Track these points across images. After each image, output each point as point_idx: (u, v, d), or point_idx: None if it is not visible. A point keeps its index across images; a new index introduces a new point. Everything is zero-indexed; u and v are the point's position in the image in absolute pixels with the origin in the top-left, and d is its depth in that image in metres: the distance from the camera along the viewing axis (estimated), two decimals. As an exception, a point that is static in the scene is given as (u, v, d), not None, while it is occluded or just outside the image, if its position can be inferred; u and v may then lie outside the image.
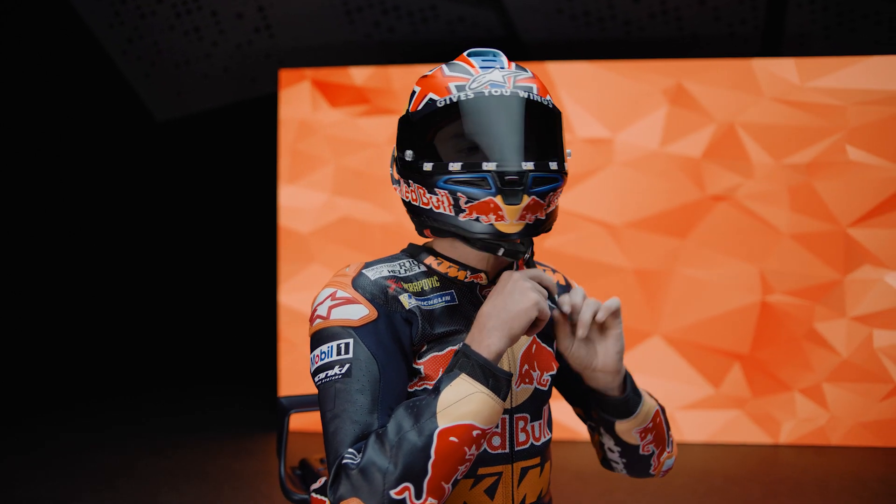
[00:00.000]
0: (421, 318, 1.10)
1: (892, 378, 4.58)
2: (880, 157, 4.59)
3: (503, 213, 1.03)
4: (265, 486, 3.98)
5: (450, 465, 0.96)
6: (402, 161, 1.12)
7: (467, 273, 1.15)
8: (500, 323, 1.00)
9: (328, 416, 1.02)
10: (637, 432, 1.16)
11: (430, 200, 1.08)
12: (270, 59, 6.29)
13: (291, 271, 4.98)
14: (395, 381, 1.05)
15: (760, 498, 3.77)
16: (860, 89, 4.61)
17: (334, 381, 1.03)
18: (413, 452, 0.94)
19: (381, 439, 0.96)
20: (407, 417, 0.97)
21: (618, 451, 1.21)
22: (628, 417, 1.14)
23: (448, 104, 1.07)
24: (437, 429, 0.95)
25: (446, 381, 0.99)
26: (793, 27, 5.79)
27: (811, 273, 4.65)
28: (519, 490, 1.15)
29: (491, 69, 1.10)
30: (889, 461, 4.37)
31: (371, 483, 0.93)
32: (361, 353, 1.03)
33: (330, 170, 4.96)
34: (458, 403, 0.96)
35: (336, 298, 1.08)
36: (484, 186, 1.03)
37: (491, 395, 0.98)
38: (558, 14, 5.99)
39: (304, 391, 4.92)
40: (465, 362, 0.99)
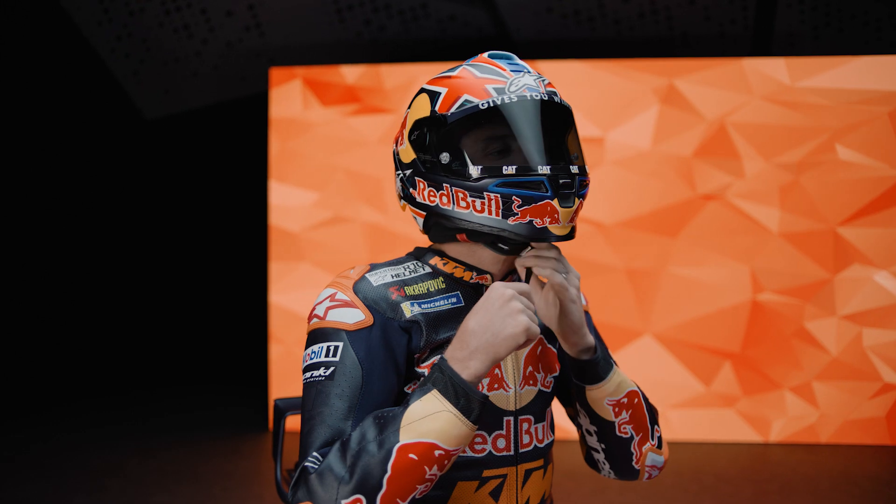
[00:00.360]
0: (425, 326, 1.09)
1: (881, 376, 4.61)
2: (869, 157, 4.62)
3: (558, 216, 1.04)
4: (256, 486, 3.97)
5: (406, 482, 0.93)
6: (432, 163, 1.09)
7: (473, 274, 1.15)
8: (485, 344, 0.97)
9: (305, 415, 1.02)
10: (609, 404, 1.14)
11: (471, 204, 1.06)
12: (261, 58, 6.27)
13: (282, 270, 4.96)
14: (376, 391, 1.03)
15: (751, 496, 3.78)
16: (849, 89, 4.64)
17: (317, 382, 1.03)
18: (370, 465, 0.92)
19: (343, 446, 0.95)
20: (372, 427, 0.95)
21: (595, 433, 1.18)
22: (598, 382, 1.13)
23: (492, 106, 1.06)
24: (398, 444, 0.93)
25: (417, 395, 0.96)
26: (782, 27, 5.82)
27: (801, 272, 4.67)
28: (523, 492, 1.15)
29: (521, 72, 1.10)
30: (878, 459, 4.40)
31: (326, 490, 0.92)
32: (348, 359, 1.03)
33: (321, 169, 4.95)
34: (424, 420, 0.94)
35: (335, 300, 1.08)
36: (540, 190, 1.03)
37: (458, 416, 0.94)
38: (549, 13, 6.00)
39: (296, 391, 4.90)
40: (440, 378, 0.96)
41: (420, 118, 1.12)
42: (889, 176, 4.60)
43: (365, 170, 4.91)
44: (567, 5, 5.90)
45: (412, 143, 1.13)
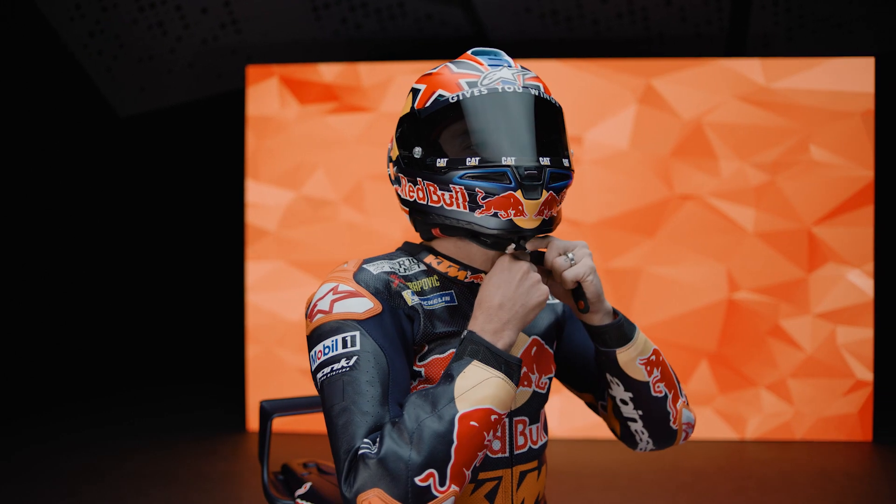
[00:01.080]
0: (423, 316, 1.09)
1: (854, 373, 4.68)
2: (842, 157, 4.68)
3: (523, 208, 1.04)
4: (235, 487, 3.93)
5: (471, 449, 0.96)
6: (409, 158, 1.11)
7: (468, 273, 1.15)
8: (514, 316, 1.02)
9: (336, 409, 1.00)
10: (641, 363, 1.15)
11: (441, 198, 1.07)
12: (237, 56, 6.21)
13: (259, 269, 4.92)
14: (402, 375, 1.04)
15: (729, 493, 3.82)
16: (822, 90, 4.70)
17: (342, 373, 1.01)
18: (436, 438, 0.94)
19: (398, 428, 0.95)
20: (423, 405, 0.97)
21: (631, 401, 1.18)
22: (626, 344, 1.14)
23: (460, 100, 1.06)
24: (458, 413, 0.95)
25: (458, 369, 0.99)
26: (757, 28, 5.88)
27: (776, 271, 4.72)
28: (518, 494, 1.15)
29: (499, 67, 1.10)
30: (851, 455, 4.47)
31: (393, 472, 0.92)
32: (369, 346, 1.02)
33: (298, 167, 4.91)
34: (476, 388, 0.97)
35: (338, 292, 1.07)
36: (503, 181, 1.03)
37: (506, 380, 0.99)
38: (527, 13, 6.01)
39: (272, 390, 4.87)
40: (475, 349, 1.00)
41: (402, 115, 1.14)
42: (861, 176, 4.67)
43: (343, 169, 4.89)
44: (545, 5, 5.91)
45: (397, 140, 1.15)
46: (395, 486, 0.92)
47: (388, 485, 0.92)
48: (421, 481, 0.93)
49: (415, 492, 0.93)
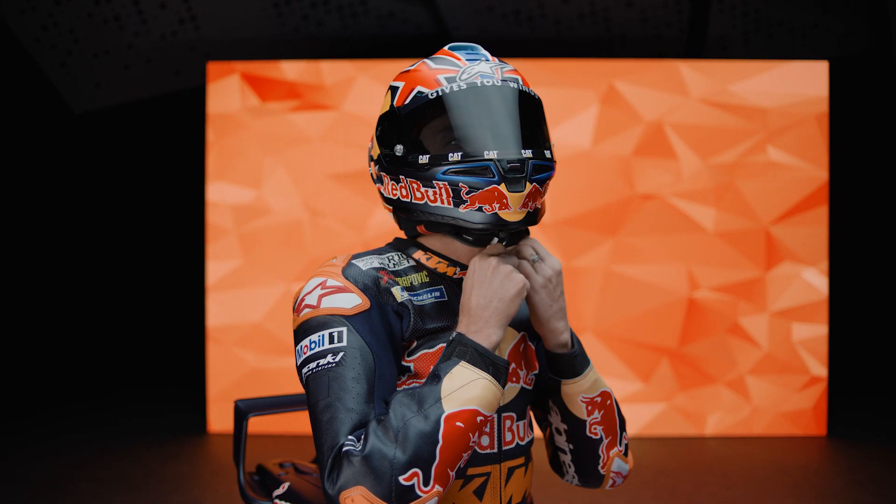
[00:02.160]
0: (413, 312, 1.08)
1: (809, 370, 4.79)
2: (798, 158, 4.79)
3: (507, 201, 1.03)
4: (198, 490, 3.87)
5: (456, 450, 0.96)
6: (391, 156, 1.10)
7: (456, 269, 1.15)
8: (495, 312, 1.02)
9: (321, 405, 0.99)
10: (583, 401, 1.14)
11: (425, 194, 1.06)
12: (196, 52, 6.11)
13: (220, 269, 4.85)
14: (388, 372, 1.03)
15: (691, 488, 3.87)
16: (779, 93, 4.80)
17: (327, 369, 1.00)
18: (421, 438, 0.94)
19: (383, 426, 0.95)
20: (409, 404, 0.96)
21: (565, 432, 1.18)
22: (575, 377, 1.13)
23: (439, 95, 1.06)
24: (444, 413, 0.95)
25: (445, 369, 0.99)
26: (715, 31, 5.98)
27: (735, 269, 4.81)
28: (506, 490, 1.15)
29: (477, 61, 1.10)
30: (807, 448, 4.57)
31: (377, 470, 0.92)
32: (355, 342, 1.01)
33: (260, 166, 4.85)
34: (463, 389, 0.97)
35: (326, 287, 1.06)
36: (486, 175, 1.02)
37: (493, 382, 0.99)
38: (489, 12, 6.02)
39: (233, 392, 4.80)
40: (463, 350, 1.00)
41: (382, 113, 1.13)
42: (817, 177, 4.78)
43: (306, 167, 4.84)
44: (507, 4, 5.93)
45: (378, 139, 1.14)
46: (378, 484, 0.92)
47: (372, 483, 0.92)
48: (405, 480, 0.92)
49: (398, 491, 0.92)
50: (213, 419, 4.85)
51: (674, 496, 3.77)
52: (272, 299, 4.83)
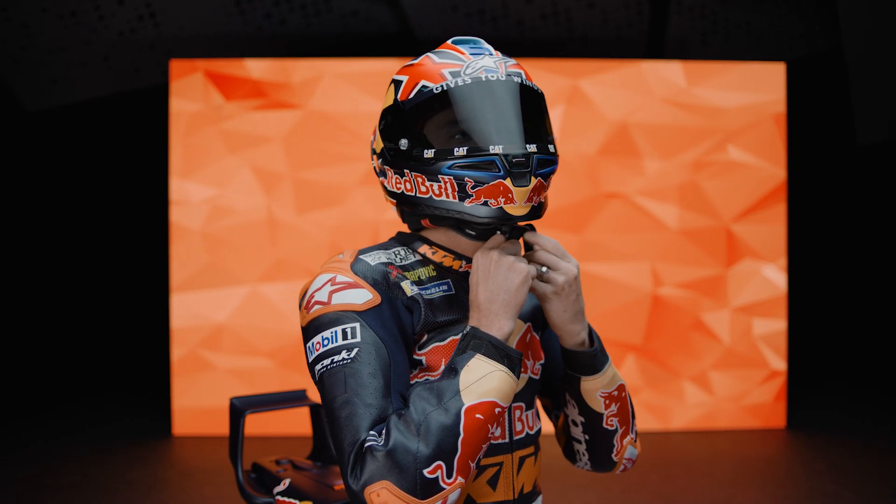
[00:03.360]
0: (423, 306, 1.09)
1: (769, 363, 4.90)
2: (757, 157, 4.90)
3: (513, 196, 1.04)
4: (163, 494, 3.81)
5: (477, 442, 0.97)
6: (395, 150, 1.10)
7: (462, 263, 1.16)
8: (504, 304, 1.03)
9: (338, 401, 0.99)
10: (602, 396, 1.16)
11: (430, 188, 1.07)
12: (155, 49, 6.01)
13: (183, 270, 4.78)
14: (402, 366, 1.04)
15: (658, 481, 3.94)
16: (739, 93, 4.91)
17: (343, 365, 1.00)
18: (443, 431, 0.95)
19: (405, 420, 0.95)
20: (428, 398, 0.97)
21: (581, 424, 1.20)
22: (594, 374, 1.15)
23: (444, 90, 1.06)
24: (464, 406, 0.96)
25: (462, 363, 1.00)
26: (674, 33, 6.09)
27: (697, 267, 4.90)
28: (518, 479, 1.16)
29: (481, 55, 1.10)
30: (768, 440, 4.68)
31: (401, 464, 0.93)
32: (369, 337, 1.02)
33: (225, 165, 4.79)
34: (480, 381, 0.98)
35: (336, 283, 1.06)
36: (492, 170, 1.03)
37: (509, 373, 1.00)
38: (453, 12, 6.04)
39: (198, 394, 4.74)
40: (478, 343, 1.01)
41: (386, 107, 1.13)
42: (775, 176, 4.90)
43: (271, 166, 4.80)
44: (471, 4, 5.95)
45: (381, 132, 1.14)
46: (403, 478, 0.93)
47: (397, 477, 0.92)
48: (429, 473, 0.93)
49: (423, 484, 0.93)
50: (178, 422, 4.78)
51: (642, 489, 3.83)
52: (237, 300, 4.77)
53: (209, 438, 4.71)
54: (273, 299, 4.79)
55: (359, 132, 4.80)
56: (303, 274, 4.78)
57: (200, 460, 4.33)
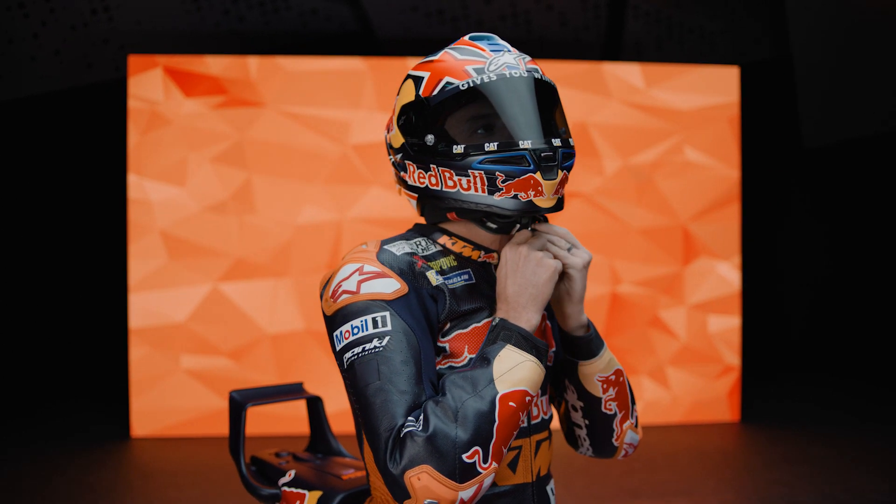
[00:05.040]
0: (448, 295, 1.12)
1: (723, 359, 5.04)
2: (713, 158, 5.04)
3: (542, 189, 1.08)
4: (126, 497, 3.74)
5: (510, 428, 1.01)
6: (420, 146, 1.12)
7: (481, 253, 1.19)
8: (531, 298, 1.07)
9: (372, 388, 1.01)
10: (599, 380, 1.21)
11: (457, 183, 1.09)
12: (109, 44, 5.88)
13: (142, 268, 4.69)
14: (430, 354, 1.07)
15: (620, 474, 4.02)
16: (694, 95, 5.03)
17: (375, 353, 1.03)
18: (480, 417, 0.98)
19: (442, 407, 0.98)
20: (464, 386, 1.00)
21: (581, 409, 1.24)
22: (592, 358, 1.20)
23: (471, 86, 1.09)
24: (499, 394, 1.00)
25: (493, 353, 1.03)
26: (630, 36, 6.21)
27: (655, 265, 5.01)
28: (535, 462, 1.20)
29: (501, 52, 1.14)
30: (723, 434, 4.82)
31: (441, 449, 0.96)
32: (399, 326, 1.05)
33: (184, 162, 4.72)
34: (512, 371, 1.02)
35: (364, 273, 1.08)
36: (522, 164, 1.06)
37: (538, 363, 1.05)
38: (413, 11, 6.05)
39: (157, 395, 4.67)
40: (508, 334, 1.05)
41: (406, 103, 1.15)
42: (729, 176, 5.04)
43: (232, 163, 4.75)
44: (431, 4, 5.97)
45: (400, 128, 1.16)
46: (443, 462, 0.96)
47: (437, 461, 0.96)
48: (468, 458, 0.97)
49: (462, 468, 0.96)
50: (137, 424, 4.69)
51: (605, 482, 3.90)
52: (198, 298, 4.71)
53: (169, 440, 4.64)
54: (234, 299, 4.73)
55: (321, 130, 4.78)
56: (264, 273, 4.75)
57: (162, 462, 4.26)
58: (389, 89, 4.85)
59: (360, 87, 4.84)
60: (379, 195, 4.80)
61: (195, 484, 3.85)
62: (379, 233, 4.76)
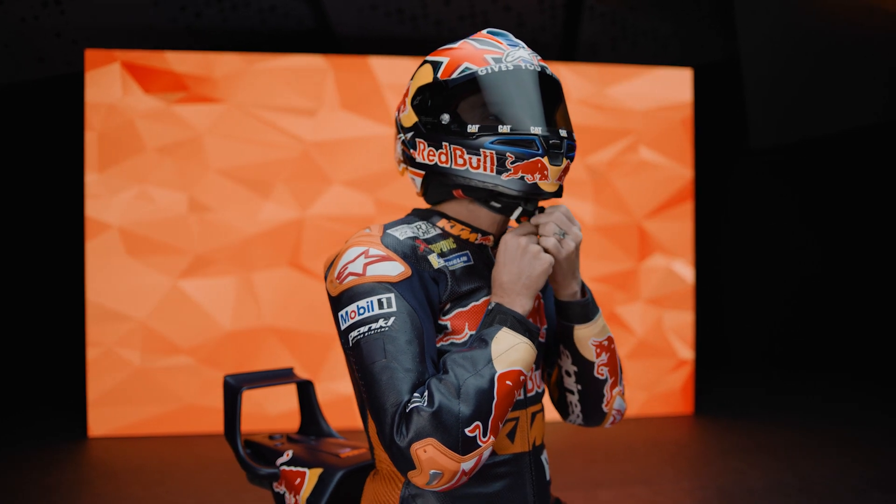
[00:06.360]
0: (450, 277, 1.18)
1: (677, 353, 5.18)
2: (667, 157, 5.18)
3: (548, 173, 1.15)
4: (89, 496, 3.69)
5: (506, 405, 1.08)
6: (434, 124, 1.18)
7: (478, 235, 1.25)
8: (525, 286, 1.15)
9: (378, 365, 1.07)
10: (593, 344, 1.28)
11: (468, 161, 1.15)
12: (62, 38, 5.76)
13: (100, 266, 4.62)
14: (431, 334, 1.13)
15: (582, 465, 4.11)
16: (649, 96, 5.17)
17: (381, 332, 1.08)
18: (481, 394, 1.05)
19: (445, 384, 1.05)
20: (464, 365, 1.07)
21: (574, 375, 1.31)
22: (587, 322, 1.27)
23: (489, 73, 1.16)
24: (497, 373, 1.07)
25: (490, 334, 1.10)
26: (586, 37, 6.33)
27: (611, 261, 5.13)
28: (531, 433, 1.26)
29: (516, 47, 1.21)
30: (678, 426, 4.96)
31: (446, 423, 1.02)
32: (403, 307, 1.10)
33: (144, 158, 4.67)
34: (509, 352, 1.09)
35: (370, 256, 1.13)
36: (531, 148, 1.13)
37: (531, 345, 1.12)
38: (372, 10, 6.07)
39: (115, 394, 4.60)
40: (503, 318, 1.12)
41: (423, 85, 1.21)
42: (682, 175, 5.19)
43: (193, 160, 4.71)
44: (391, 4, 6.00)
45: (415, 107, 1.22)
46: (448, 436, 1.02)
47: (442, 435, 1.02)
48: (469, 432, 1.04)
49: (464, 441, 1.03)
50: (94, 423, 4.62)
51: (567, 473, 3.99)
52: (157, 296, 4.66)
53: (128, 439, 4.58)
54: (194, 296, 4.70)
55: (282, 127, 4.78)
56: (224, 271, 4.72)
57: (122, 460, 4.21)
58: (350, 87, 4.87)
59: (321, 85, 4.85)
60: (340, 192, 4.82)
61: (160, 482, 3.82)
62: (340, 230, 4.78)
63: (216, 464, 4.12)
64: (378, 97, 4.90)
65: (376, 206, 4.82)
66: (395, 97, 4.91)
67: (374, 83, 4.90)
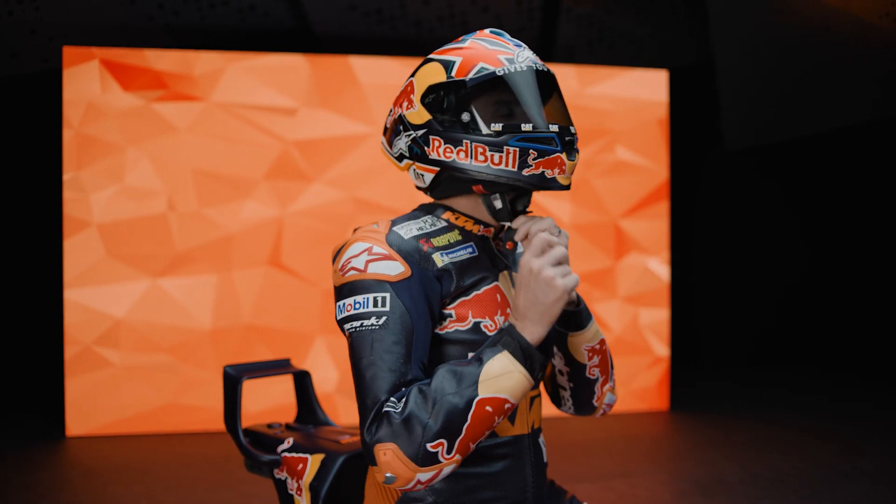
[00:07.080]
0: (454, 273, 1.21)
1: (653, 350, 5.27)
2: (643, 157, 5.26)
3: (565, 168, 1.20)
4: (64, 495, 3.67)
5: (480, 429, 1.10)
6: (451, 122, 1.22)
7: (480, 227, 1.30)
8: (539, 315, 1.13)
9: (364, 362, 1.11)
10: (586, 349, 1.33)
11: (489, 158, 1.19)
12: (37, 35, 5.71)
13: (78, 263, 4.60)
14: (424, 336, 1.16)
15: (560, 459, 4.17)
16: (626, 97, 5.25)
17: (371, 330, 1.12)
18: (453, 414, 1.07)
19: (423, 395, 1.07)
20: (449, 380, 1.08)
21: (567, 374, 1.36)
22: (580, 330, 1.31)
23: (506, 73, 1.20)
24: (477, 398, 1.08)
25: (489, 355, 1.11)
26: (563, 39, 6.40)
27: (589, 260, 5.20)
28: (530, 416, 1.31)
29: (521, 47, 1.26)
30: (654, 422, 5.04)
31: (411, 433, 1.05)
32: (397, 308, 1.13)
33: (123, 156, 4.65)
34: (499, 378, 1.09)
35: (373, 253, 1.17)
36: (551, 145, 1.18)
37: (527, 377, 1.11)
38: (351, 10, 6.09)
39: (94, 393, 4.58)
40: (509, 341, 1.12)
41: (435, 83, 1.24)
42: (658, 175, 5.27)
43: (172, 158, 4.70)
44: (370, 4, 6.03)
45: (426, 105, 1.25)
46: (409, 445, 1.05)
47: (405, 443, 1.05)
48: (432, 447, 1.06)
49: (424, 455, 1.06)
50: (72, 423, 4.59)
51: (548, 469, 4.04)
52: (136, 295, 4.65)
53: (106, 438, 4.56)
54: (174, 294, 4.69)
55: (262, 126, 4.78)
56: (203, 269, 4.71)
57: (101, 460, 4.19)
58: (330, 86, 4.89)
59: (300, 84, 4.87)
60: (320, 191, 4.84)
61: (139, 480, 3.81)
62: (320, 229, 4.80)
63: (196, 462, 4.12)
64: (358, 96, 4.92)
65: (356, 205, 4.85)
66: (374, 96, 4.94)
67: (353, 82, 4.92)
